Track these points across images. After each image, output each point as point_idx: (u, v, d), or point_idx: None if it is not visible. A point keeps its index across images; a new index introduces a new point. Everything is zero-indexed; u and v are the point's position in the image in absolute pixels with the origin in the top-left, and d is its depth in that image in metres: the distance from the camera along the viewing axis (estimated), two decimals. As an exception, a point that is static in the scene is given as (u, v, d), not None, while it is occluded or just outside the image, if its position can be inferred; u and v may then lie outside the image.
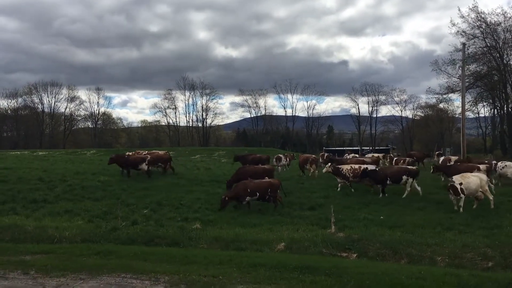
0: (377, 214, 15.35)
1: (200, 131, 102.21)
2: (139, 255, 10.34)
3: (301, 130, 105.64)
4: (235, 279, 8.23)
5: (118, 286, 7.99)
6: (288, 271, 8.64)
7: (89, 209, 16.38)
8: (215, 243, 12.46)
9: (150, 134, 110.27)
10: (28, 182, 21.49)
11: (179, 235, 13.07)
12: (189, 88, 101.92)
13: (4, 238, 13.14)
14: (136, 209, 16.31)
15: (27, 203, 17.39)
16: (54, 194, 18.98)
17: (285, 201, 17.79)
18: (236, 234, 12.96)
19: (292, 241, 12.11)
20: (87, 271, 8.90)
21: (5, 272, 8.95)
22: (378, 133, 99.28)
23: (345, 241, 11.95)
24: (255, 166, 22.09)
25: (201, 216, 15.18)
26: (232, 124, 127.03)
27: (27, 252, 10.72)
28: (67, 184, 21.18)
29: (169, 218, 15.06)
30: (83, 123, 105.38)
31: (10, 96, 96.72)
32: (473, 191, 15.67)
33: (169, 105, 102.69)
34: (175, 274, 8.57)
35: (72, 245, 11.99)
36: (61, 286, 8.01)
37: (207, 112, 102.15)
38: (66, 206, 16.74)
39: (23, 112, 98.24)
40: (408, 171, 19.28)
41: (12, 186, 20.25)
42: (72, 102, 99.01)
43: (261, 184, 17.03)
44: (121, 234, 13.17)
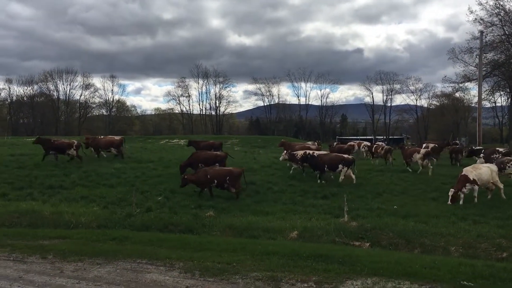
0: (390, 204, 15.31)
1: (214, 119, 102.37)
2: (154, 241, 10.47)
3: (314, 119, 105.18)
4: (249, 266, 8.30)
5: (134, 271, 8.11)
6: (301, 259, 8.69)
7: (104, 195, 16.57)
8: (228, 231, 12.55)
9: (164, 122, 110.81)
10: (44, 168, 21.81)
11: (192, 222, 13.20)
12: (203, 76, 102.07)
13: (22, 223, 13.40)
14: (150, 196, 16.47)
15: (43, 189, 17.66)
16: (70, 180, 19.22)
17: (298, 190, 17.85)
18: (249, 222, 13.04)
19: (305, 230, 12.15)
20: (103, 256, 9.05)
21: (23, 256, 9.14)
22: (392, 122, 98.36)
23: (358, 230, 11.96)
24: (208, 152, 22.33)
25: (214, 204, 15.28)
26: (245, 112, 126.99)
27: (45, 237, 10.93)
28: (83, 170, 21.43)
29: (182, 205, 15.18)
30: (97, 110, 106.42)
31: (26, 83, 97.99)
32: (485, 182, 15.59)
33: (183, 93, 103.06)
34: (190, 261, 8.68)
35: (88, 230, 12.18)
36: (79, 270, 8.16)
37: (220, 100, 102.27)
38: (82, 192, 16.96)
39: (39, 99, 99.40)
40: (344, 159, 19.70)
41: (29, 172, 20.59)
42: (87, 89, 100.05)
43: (220, 171, 17.04)
44: (135, 221, 13.34)
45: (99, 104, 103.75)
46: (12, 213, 13.93)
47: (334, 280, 7.51)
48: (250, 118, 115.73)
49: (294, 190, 18.01)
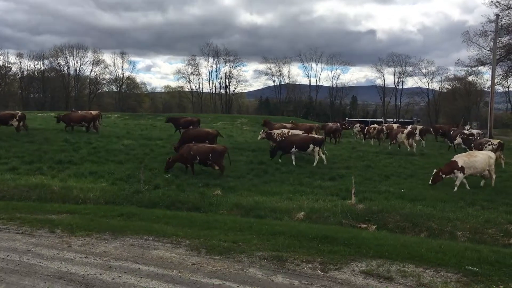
0: (398, 187, 15.25)
1: (223, 98, 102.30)
2: (161, 218, 10.55)
3: (324, 100, 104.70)
4: (254, 245, 8.34)
5: (141, 247, 8.19)
6: (307, 240, 8.71)
7: (113, 171, 16.68)
8: (235, 210, 12.61)
9: (173, 100, 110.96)
10: (54, 143, 21.99)
11: (200, 200, 13.27)
12: (213, 55, 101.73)
13: (31, 197, 13.55)
14: (159, 173, 16.54)
15: (53, 163, 17.80)
16: (79, 155, 19.37)
17: (306, 171, 17.84)
18: (256, 201, 13.08)
19: (312, 211, 12.16)
20: (110, 232, 9.14)
21: (32, 230, 9.26)
22: (403, 105, 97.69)
23: (365, 213, 11.95)
24: (199, 129, 22.46)
25: (221, 183, 15.33)
26: (255, 92, 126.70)
27: (53, 211, 11.04)
28: (92, 146, 21.58)
29: (190, 183, 15.25)
30: (107, 86, 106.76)
31: (37, 58, 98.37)
32: (480, 170, 15.36)
33: (193, 71, 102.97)
34: (196, 238, 8.74)
35: (96, 206, 12.29)
36: (86, 245, 8.25)
37: (230, 79, 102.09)
38: (90, 168, 17.08)
39: (50, 74, 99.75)
40: (314, 139, 19.62)
41: (39, 147, 20.76)
42: (97, 65, 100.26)
43: (203, 148, 17.00)
44: (143, 198, 13.44)
45: (109, 80, 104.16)
46: (22, 187, 14.10)
47: (339, 262, 7.53)
48: (260, 98, 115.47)
49: (302, 171, 18.01)
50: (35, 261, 7.29)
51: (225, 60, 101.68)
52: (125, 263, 7.30)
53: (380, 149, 25.32)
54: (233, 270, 7.11)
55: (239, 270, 7.09)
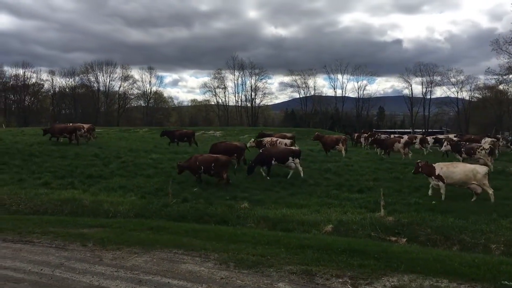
0: (428, 199, 14.96)
1: (249, 111, 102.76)
2: (189, 232, 10.61)
3: (350, 111, 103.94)
4: (283, 259, 8.30)
5: (170, 261, 8.25)
6: (336, 253, 8.61)
7: (142, 185, 16.93)
8: (262, 223, 12.58)
9: (200, 113, 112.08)
10: (85, 158, 22.47)
11: (227, 213, 13.30)
12: (239, 68, 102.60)
13: (64, 211, 13.86)
14: (186, 186, 16.68)
15: (84, 178, 18.19)
16: (109, 170, 19.74)
17: (333, 183, 17.69)
18: (283, 214, 13.04)
19: (340, 224, 12.04)
20: (140, 246, 9.25)
21: (65, 244, 9.46)
22: (431, 115, 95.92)
23: (394, 225, 11.76)
24: (227, 143, 22.48)
25: (249, 196, 15.34)
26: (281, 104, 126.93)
27: (85, 225, 11.25)
28: (121, 160, 21.96)
29: (217, 196, 15.32)
30: (136, 101, 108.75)
31: (68, 74, 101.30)
32: (457, 181, 15.01)
33: (219, 85, 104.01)
34: (224, 252, 8.76)
35: (126, 220, 12.46)
36: (117, 259, 8.37)
37: (256, 92, 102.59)
38: (120, 182, 17.37)
39: (80, 90, 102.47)
40: (293, 151, 19.21)
41: (71, 162, 21.25)
42: (126, 81, 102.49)
43: (207, 158, 17.36)
44: (172, 211, 13.56)
45: (137, 95, 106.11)
46: (55, 201, 14.45)
47: (369, 276, 7.42)
48: (286, 110, 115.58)
49: (329, 183, 17.87)
50: (68, 275, 7.43)
51: (250, 73, 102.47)
52: (155, 277, 7.37)
53: (409, 160, 24.85)
54: (262, 284, 7.08)
55: (268, 285, 7.06)
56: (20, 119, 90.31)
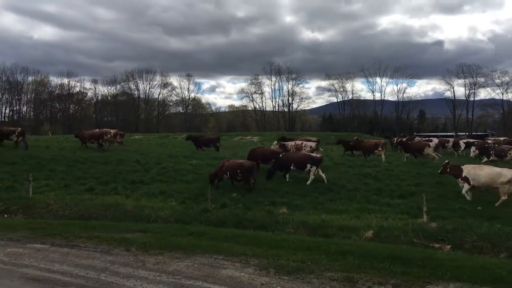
0: (473, 204, 14.50)
1: (286, 116, 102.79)
2: (229, 237, 10.67)
3: (390, 115, 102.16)
4: (323, 266, 8.22)
5: (211, 266, 8.33)
6: (378, 260, 8.46)
7: (182, 191, 17.19)
8: (301, 228, 12.51)
9: (237, 119, 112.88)
10: (127, 164, 23.04)
11: (266, 219, 13.30)
12: (275, 73, 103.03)
13: (107, 216, 14.22)
14: (225, 192, 16.81)
15: (126, 183, 18.65)
16: (150, 176, 20.15)
17: (373, 189, 17.42)
18: (322, 220, 12.93)
19: (381, 230, 11.82)
20: (181, 251, 9.38)
21: (109, 248, 9.71)
22: (475, 117, 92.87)
23: (438, 232, 11.43)
24: (264, 148, 22.28)
25: (287, 201, 15.31)
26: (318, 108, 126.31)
27: (128, 230, 11.51)
28: (161, 166, 22.37)
29: (256, 201, 15.35)
30: (174, 108, 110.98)
31: (110, 83, 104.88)
32: (483, 184, 14.95)
33: (256, 90, 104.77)
34: (264, 258, 8.76)
35: (167, 225, 12.67)
36: (159, 263, 8.52)
37: (293, 97, 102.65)
38: (160, 188, 17.71)
39: (121, 98, 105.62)
40: (312, 158, 18.75)
41: (114, 168, 21.83)
42: (165, 88, 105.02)
43: (232, 164, 17.51)
44: (211, 216, 13.68)
45: (176, 102, 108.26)
46: (99, 206, 14.85)
47: (413, 284, 7.24)
48: (323, 115, 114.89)
49: (368, 188, 17.61)
50: (113, 279, 7.62)
51: (287, 78, 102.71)
52: (196, 282, 7.45)
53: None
54: (302, 290, 7.04)
55: (308, 291, 7.01)
56: (65, 127, 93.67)
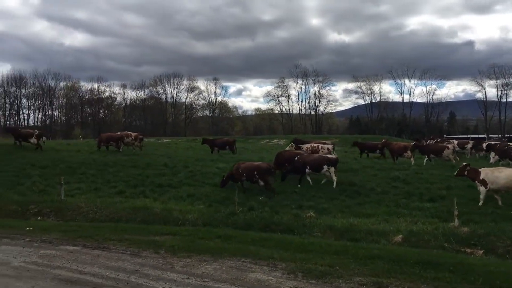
0: (507, 208, 14.11)
1: (313, 119, 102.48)
2: (256, 241, 10.69)
3: (419, 117, 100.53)
4: (352, 270, 8.14)
5: (239, 269, 8.36)
6: (408, 265, 8.32)
7: (209, 194, 17.30)
8: (329, 232, 12.42)
9: (264, 122, 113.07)
10: (155, 167, 23.34)
11: (293, 222, 13.25)
12: (302, 76, 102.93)
13: (136, 219, 14.45)
14: (252, 195, 16.84)
15: (154, 187, 18.90)
16: (178, 179, 20.36)
17: (402, 192, 17.15)
18: (350, 223, 12.81)
19: (411, 234, 11.63)
20: (209, 254, 9.44)
21: (139, 251, 9.86)
22: (508, 119, 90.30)
23: (470, 236, 11.17)
24: (291, 152, 22.22)
25: (314, 204, 15.22)
26: (345, 111, 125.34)
27: (157, 233, 11.66)
28: (189, 170, 22.58)
29: (283, 205, 15.32)
30: (201, 111, 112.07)
31: (138, 87, 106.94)
32: (502, 187, 14.61)
33: (282, 93, 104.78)
34: (292, 262, 8.73)
35: (195, 228, 12.76)
36: (187, 266, 8.60)
37: (319, 99, 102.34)
38: (188, 191, 17.86)
39: (149, 102, 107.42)
40: (329, 160, 18.54)
41: (142, 171, 22.16)
42: (192, 92, 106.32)
43: (249, 166, 17.61)
44: (238, 219, 13.72)
45: (203, 105, 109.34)
46: (128, 209, 15.11)
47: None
48: (350, 117, 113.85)
49: (397, 191, 17.34)
50: (142, 281, 7.73)
51: (314, 80, 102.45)
52: (224, 285, 7.48)
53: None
54: (331, 295, 6.98)
55: (337, 296, 6.95)
56: (95, 131, 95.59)
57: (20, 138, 30.10)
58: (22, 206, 16.16)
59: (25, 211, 15.86)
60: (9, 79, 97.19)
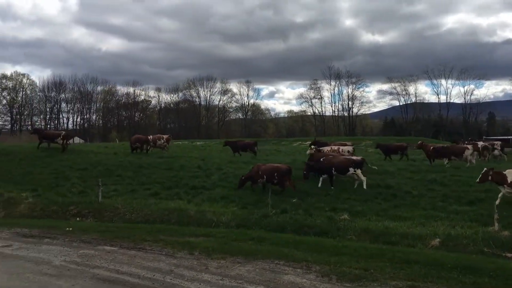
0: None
1: (346, 120, 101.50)
2: (290, 243, 10.66)
3: (456, 118, 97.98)
4: (387, 274, 8.01)
5: (272, 271, 8.36)
6: (445, 270, 8.12)
7: (242, 196, 17.35)
8: (363, 235, 12.27)
9: (296, 124, 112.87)
10: (189, 170, 23.62)
11: (327, 225, 13.16)
12: (335, 77, 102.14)
13: (171, 220, 14.68)
14: (285, 197, 16.80)
15: (188, 189, 19.12)
16: (211, 181, 20.53)
17: (439, 195, 16.74)
18: (385, 227, 12.61)
19: (448, 238, 11.35)
20: (243, 256, 9.48)
21: (173, 252, 10.01)
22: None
23: (511, 241, 10.80)
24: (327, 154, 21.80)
25: (348, 207, 15.05)
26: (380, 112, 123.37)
27: (191, 234, 11.81)
28: (222, 172, 22.74)
29: (317, 207, 15.22)
30: (234, 114, 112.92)
31: (172, 91, 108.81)
32: None
33: (315, 95, 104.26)
34: (326, 264, 8.67)
35: (229, 230, 12.86)
36: (222, 268, 8.67)
37: (353, 101, 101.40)
38: (221, 193, 17.98)
39: (183, 105, 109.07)
40: (354, 161, 18.25)
41: (176, 173, 22.47)
42: (225, 94, 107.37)
43: (269, 168, 17.77)
44: (271, 221, 13.73)
45: (235, 108, 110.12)
46: (163, 211, 15.37)
47: (484, 296, 6.90)
48: (385, 119, 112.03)
49: (434, 194, 16.93)
50: (177, 281, 7.84)
51: (347, 82, 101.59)
52: (258, 287, 7.50)
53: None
54: (366, 299, 6.89)
55: (372, 299, 6.86)
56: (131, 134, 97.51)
57: (47, 139, 30.94)
58: (62, 207, 16.70)
59: (65, 211, 16.39)
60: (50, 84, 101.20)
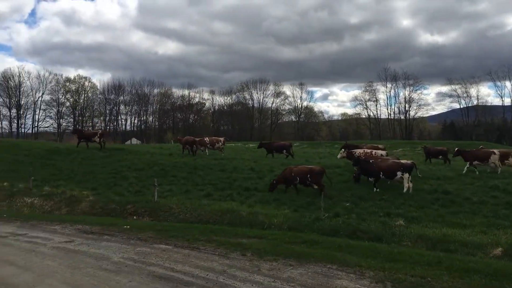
0: None
1: (403, 124, 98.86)
2: (342, 247, 10.50)
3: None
4: (445, 282, 7.70)
5: (325, 276, 8.27)
6: (509, 280, 7.70)
7: (294, 199, 17.35)
8: (419, 242, 11.92)
9: (350, 127, 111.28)
10: (241, 171, 23.89)
11: (381, 230, 12.90)
12: (391, 79, 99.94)
13: (223, 221, 14.90)
14: (338, 201, 16.61)
15: (241, 190, 19.35)
16: (264, 183, 20.63)
17: (502, 202, 15.97)
18: (443, 234, 12.20)
19: None
20: (295, 258, 9.44)
21: (226, 252, 10.13)
22: None
23: None
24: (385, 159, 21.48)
25: (404, 213, 14.69)
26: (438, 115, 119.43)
27: (243, 235, 11.91)
28: (274, 174, 22.73)
29: (370, 212, 14.96)
30: (287, 116, 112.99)
31: (226, 93, 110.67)
32: None
33: (370, 98, 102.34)
34: (380, 271, 8.47)
35: (281, 232, 12.87)
36: (273, 270, 8.67)
37: (410, 103, 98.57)
38: (274, 195, 18.05)
39: (236, 107, 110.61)
40: (403, 165, 17.66)
41: (229, 175, 22.79)
42: (278, 97, 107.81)
43: (302, 169, 17.86)
44: (324, 225, 13.62)
45: (288, 110, 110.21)
46: (216, 212, 15.63)
47: (552, 310, 6.49)
48: (444, 122, 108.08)
49: (497, 201, 16.17)
50: (230, 281, 7.92)
51: (404, 84, 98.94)
52: (310, 290, 7.45)
53: None
54: (422, 307, 6.67)
55: (429, 308, 6.63)
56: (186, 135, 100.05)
57: (85, 138, 32.67)
58: (120, 205, 17.38)
59: (123, 210, 17.04)
60: (109, 87, 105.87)
